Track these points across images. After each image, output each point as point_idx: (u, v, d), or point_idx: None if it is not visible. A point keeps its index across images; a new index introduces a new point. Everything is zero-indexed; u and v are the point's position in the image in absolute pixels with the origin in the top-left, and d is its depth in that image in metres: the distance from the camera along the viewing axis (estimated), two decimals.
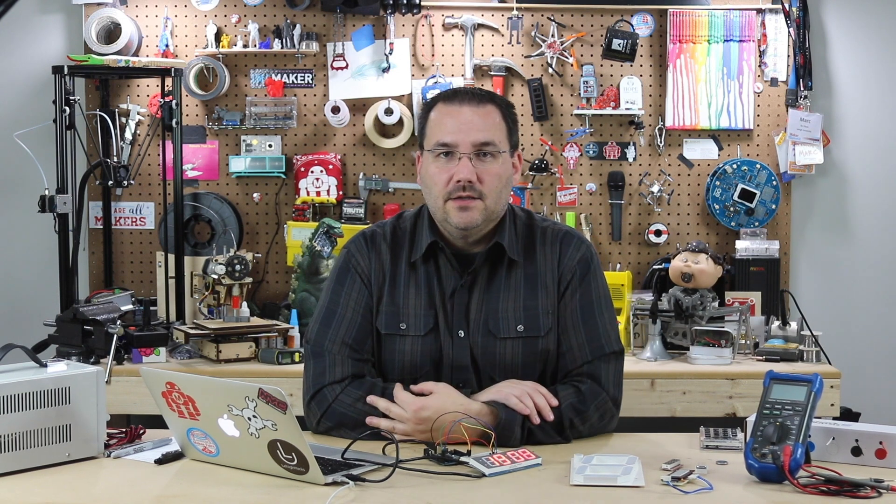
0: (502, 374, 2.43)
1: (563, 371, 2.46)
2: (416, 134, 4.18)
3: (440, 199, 2.42)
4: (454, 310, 2.45)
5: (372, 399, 2.36)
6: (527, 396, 2.32)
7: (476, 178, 2.40)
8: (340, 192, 4.31)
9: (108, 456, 2.21)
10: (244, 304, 3.84)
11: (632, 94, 4.29)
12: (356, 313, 2.46)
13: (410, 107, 4.30)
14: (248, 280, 3.95)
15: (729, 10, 4.28)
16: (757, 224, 4.27)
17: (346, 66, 4.30)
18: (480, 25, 4.31)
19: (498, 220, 2.49)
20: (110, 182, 3.94)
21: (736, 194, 4.26)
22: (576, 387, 2.40)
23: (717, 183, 4.27)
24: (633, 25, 4.27)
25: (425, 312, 2.45)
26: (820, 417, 2.18)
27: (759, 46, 4.30)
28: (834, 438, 2.14)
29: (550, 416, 2.32)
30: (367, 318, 2.47)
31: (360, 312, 2.47)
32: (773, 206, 4.27)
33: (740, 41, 4.29)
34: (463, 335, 2.44)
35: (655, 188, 4.31)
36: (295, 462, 2.00)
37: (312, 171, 4.30)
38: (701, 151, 4.36)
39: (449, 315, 2.45)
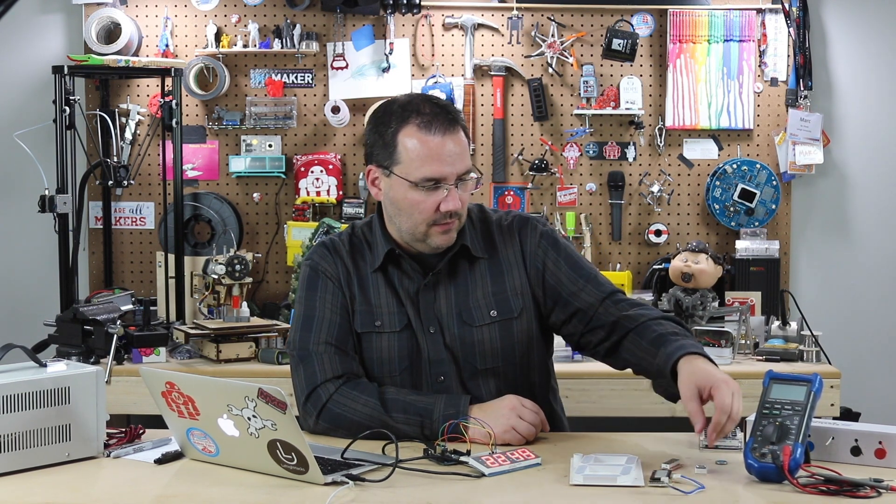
0: (483, 362, 2.45)
1: (584, 319, 2.46)
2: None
3: (422, 224, 2.41)
4: (422, 308, 2.47)
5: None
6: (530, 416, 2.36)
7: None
8: (340, 192, 4.31)
9: (108, 456, 2.20)
10: (244, 304, 3.84)
11: (632, 94, 4.29)
12: (334, 314, 2.47)
13: None
14: (248, 280, 3.95)
15: (729, 10, 4.28)
16: (757, 224, 4.27)
17: (346, 66, 4.30)
18: (480, 25, 4.31)
19: None
20: (110, 182, 3.94)
21: (736, 194, 4.26)
22: (646, 325, 2.40)
23: (717, 183, 4.27)
24: (633, 25, 4.27)
25: (398, 310, 2.47)
26: (820, 417, 2.18)
27: (759, 46, 4.30)
28: (834, 438, 2.13)
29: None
30: (346, 317, 2.48)
31: (338, 312, 2.47)
32: (773, 206, 4.27)
33: (740, 41, 4.29)
34: (434, 331, 2.46)
35: (655, 188, 4.31)
36: (295, 462, 2.00)
37: (312, 171, 4.29)
38: (701, 151, 4.36)
39: (420, 312, 2.47)
